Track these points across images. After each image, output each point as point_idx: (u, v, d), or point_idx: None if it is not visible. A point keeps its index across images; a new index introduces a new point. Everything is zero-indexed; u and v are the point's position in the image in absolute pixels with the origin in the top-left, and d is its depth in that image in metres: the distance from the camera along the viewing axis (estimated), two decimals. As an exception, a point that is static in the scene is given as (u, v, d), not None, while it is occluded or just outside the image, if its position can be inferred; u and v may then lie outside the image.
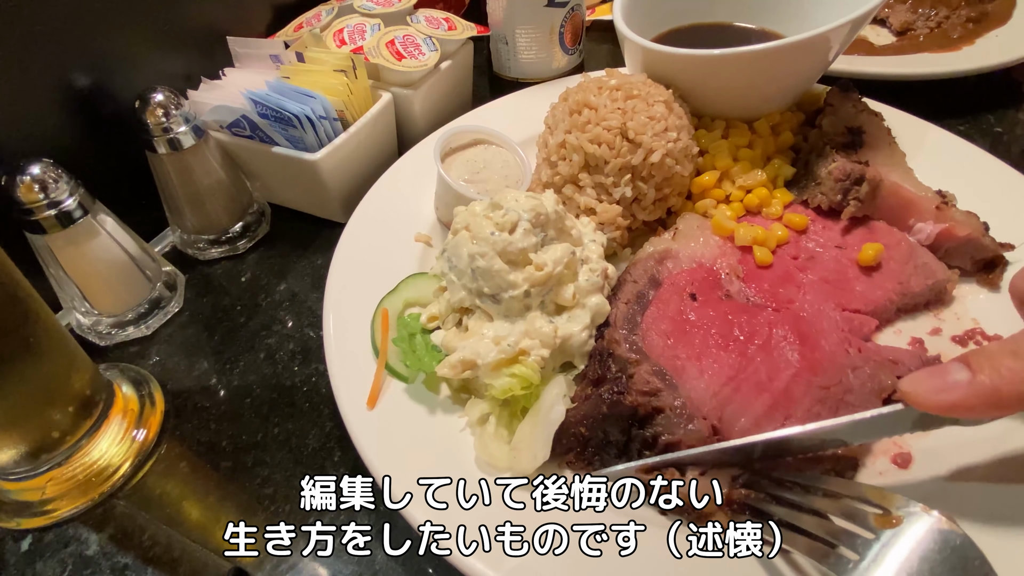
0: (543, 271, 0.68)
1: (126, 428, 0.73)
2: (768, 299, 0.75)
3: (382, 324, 0.73)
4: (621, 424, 0.62)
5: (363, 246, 0.84)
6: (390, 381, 0.70)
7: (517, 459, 0.62)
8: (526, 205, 0.70)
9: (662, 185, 0.82)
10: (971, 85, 1.12)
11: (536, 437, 0.62)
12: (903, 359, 0.68)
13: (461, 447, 0.65)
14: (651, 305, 0.71)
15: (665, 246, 0.78)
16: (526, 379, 0.64)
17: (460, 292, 0.70)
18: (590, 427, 0.63)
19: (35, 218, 0.73)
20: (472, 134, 0.93)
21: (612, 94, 0.82)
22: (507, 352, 0.66)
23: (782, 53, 0.80)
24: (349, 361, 0.71)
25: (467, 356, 0.66)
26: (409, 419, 0.67)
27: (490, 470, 0.63)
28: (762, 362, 0.65)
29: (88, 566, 0.65)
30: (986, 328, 0.75)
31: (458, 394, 0.70)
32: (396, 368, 0.70)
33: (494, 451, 0.63)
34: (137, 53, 0.93)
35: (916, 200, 0.80)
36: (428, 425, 0.67)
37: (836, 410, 0.63)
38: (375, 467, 0.62)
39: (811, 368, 0.65)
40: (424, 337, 0.73)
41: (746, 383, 0.64)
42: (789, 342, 0.66)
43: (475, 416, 0.66)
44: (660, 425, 0.60)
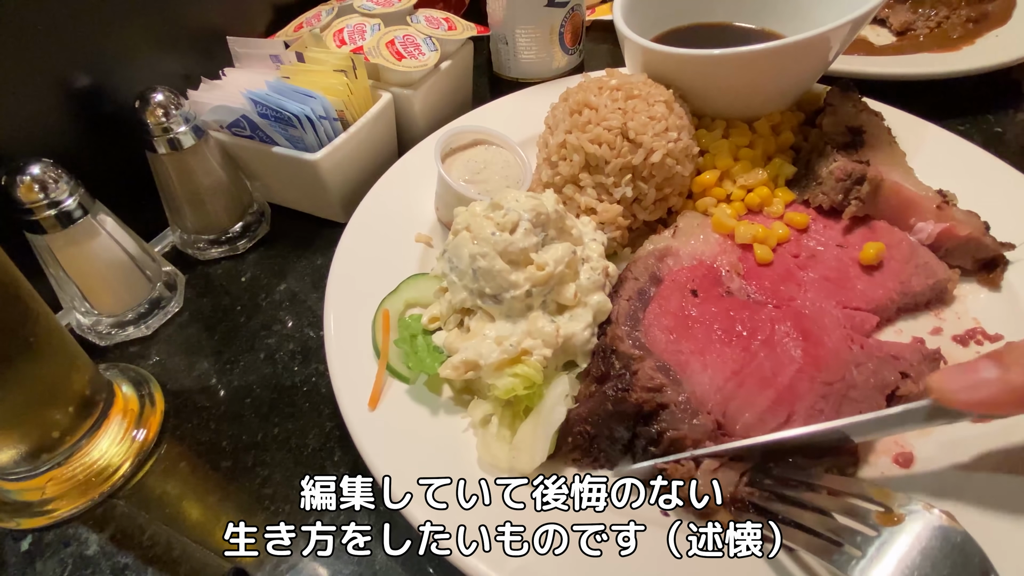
0: (544, 271, 0.68)
1: (126, 428, 0.73)
2: (769, 296, 0.75)
3: (383, 325, 0.73)
4: (626, 421, 0.62)
5: (363, 246, 0.84)
6: (391, 382, 0.70)
7: (517, 459, 0.62)
8: (527, 205, 0.70)
9: (663, 185, 0.82)
10: (971, 85, 1.12)
11: (536, 437, 0.62)
12: (904, 354, 0.68)
13: (463, 448, 0.65)
14: (653, 302, 0.71)
15: (666, 244, 0.78)
16: (529, 379, 0.64)
17: (461, 293, 0.70)
18: (595, 424, 0.63)
19: (35, 218, 0.73)
20: (472, 134, 0.92)
21: (612, 94, 0.82)
22: (509, 352, 0.66)
23: (783, 53, 0.80)
24: (350, 362, 0.71)
25: (469, 357, 0.66)
26: (411, 420, 0.67)
27: (492, 471, 0.63)
28: (765, 357, 0.65)
29: (88, 566, 0.65)
30: (987, 328, 0.75)
31: (460, 395, 0.70)
32: (398, 369, 0.70)
33: (496, 452, 0.63)
34: (137, 53, 0.93)
35: (917, 199, 0.80)
36: (430, 426, 0.67)
37: (839, 406, 0.63)
38: (376, 467, 0.62)
39: (814, 364, 0.65)
40: (426, 338, 0.73)
41: (750, 378, 0.64)
42: (792, 338, 0.66)
43: (478, 417, 0.66)
44: (665, 421, 0.60)
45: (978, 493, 0.59)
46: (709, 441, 0.60)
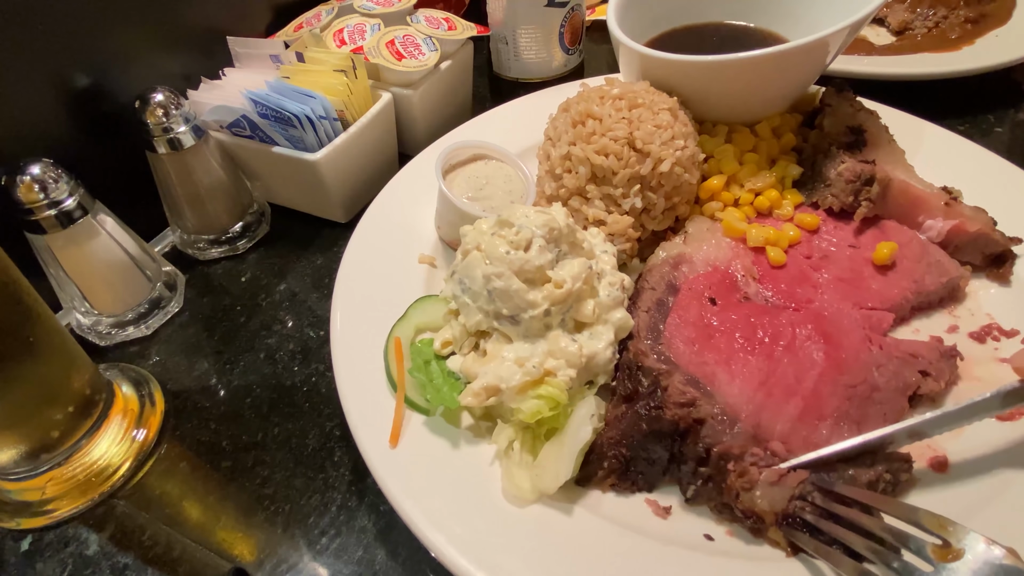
0: (562, 288, 0.65)
1: (126, 428, 0.73)
2: (786, 300, 0.75)
3: (396, 355, 0.70)
4: (663, 440, 0.60)
5: (365, 273, 0.80)
6: (408, 412, 0.67)
7: (540, 478, 0.60)
8: (538, 221, 0.67)
9: (671, 194, 0.81)
10: (971, 85, 1.12)
11: (561, 456, 0.60)
12: (923, 353, 0.69)
13: (491, 478, 0.62)
14: (672, 312, 0.70)
15: (679, 251, 0.78)
16: (554, 399, 0.62)
17: (476, 315, 0.68)
18: (630, 447, 0.61)
19: (35, 218, 0.73)
20: (471, 149, 0.90)
21: (616, 103, 0.80)
22: (532, 374, 0.63)
23: (783, 57, 0.80)
24: (366, 398, 0.67)
25: (490, 382, 0.63)
26: (434, 452, 0.64)
27: (517, 502, 0.60)
28: (789, 363, 0.65)
29: (88, 566, 0.65)
30: (1002, 323, 0.75)
31: (480, 422, 0.67)
32: (415, 401, 0.67)
33: (519, 481, 0.60)
34: (137, 53, 0.93)
35: (925, 197, 0.80)
36: (453, 457, 0.64)
37: (863, 408, 0.63)
38: (403, 507, 0.59)
39: (837, 367, 0.65)
40: (440, 363, 0.70)
41: (777, 386, 0.63)
42: (813, 342, 0.66)
43: (503, 444, 0.63)
44: (708, 436, 0.58)
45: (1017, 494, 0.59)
46: (756, 448, 0.58)
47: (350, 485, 0.69)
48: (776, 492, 0.56)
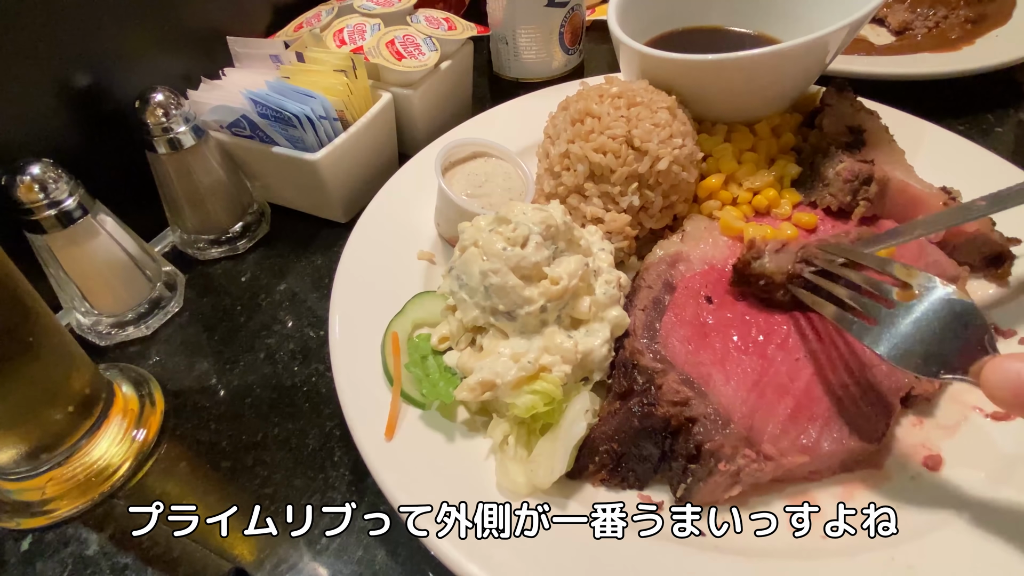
0: (559, 285, 0.66)
1: (126, 428, 0.73)
2: None
3: (393, 349, 0.71)
4: (654, 437, 0.61)
5: (364, 267, 0.81)
6: (404, 406, 0.67)
7: (534, 472, 0.60)
8: (535, 218, 0.68)
9: (669, 192, 0.81)
10: (971, 85, 1.12)
11: (555, 451, 0.60)
12: None
13: (485, 472, 0.63)
14: (668, 310, 0.71)
15: (676, 249, 0.78)
16: (549, 395, 0.62)
17: (473, 311, 0.68)
18: (622, 442, 0.61)
19: (35, 218, 0.73)
20: (471, 147, 0.90)
21: (614, 102, 0.81)
22: (527, 369, 0.64)
23: (783, 57, 0.80)
24: (363, 391, 0.68)
25: (486, 377, 0.64)
26: (429, 445, 0.65)
27: (511, 496, 0.61)
28: (782, 362, 0.65)
29: (88, 566, 0.65)
30: (999, 324, 0.75)
31: (476, 416, 0.67)
32: (411, 395, 0.67)
33: (514, 475, 0.61)
34: (137, 53, 0.93)
35: (924, 197, 0.80)
36: (448, 451, 0.65)
37: (855, 410, 0.63)
38: (397, 500, 0.59)
39: (829, 366, 0.65)
40: (436, 358, 0.71)
41: (769, 387, 0.64)
42: (806, 340, 0.67)
43: (499, 438, 0.64)
44: (699, 434, 0.59)
45: (1009, 492, 0.59)
46: (748, 449, 0.59)
47: (350, 485, 0.69)
48: (781, 258, 0.69)
